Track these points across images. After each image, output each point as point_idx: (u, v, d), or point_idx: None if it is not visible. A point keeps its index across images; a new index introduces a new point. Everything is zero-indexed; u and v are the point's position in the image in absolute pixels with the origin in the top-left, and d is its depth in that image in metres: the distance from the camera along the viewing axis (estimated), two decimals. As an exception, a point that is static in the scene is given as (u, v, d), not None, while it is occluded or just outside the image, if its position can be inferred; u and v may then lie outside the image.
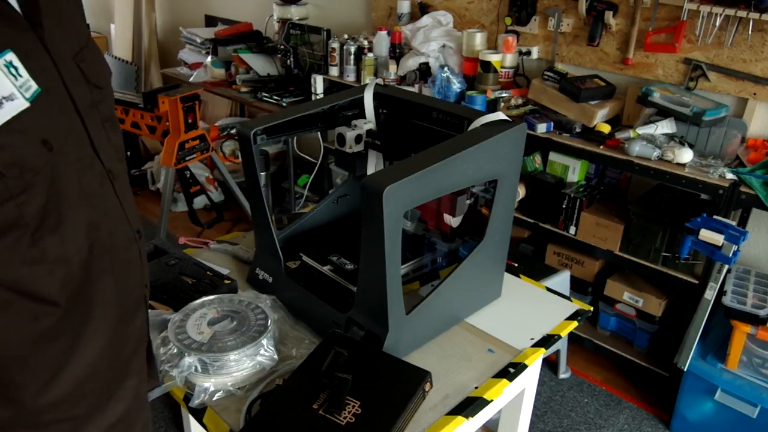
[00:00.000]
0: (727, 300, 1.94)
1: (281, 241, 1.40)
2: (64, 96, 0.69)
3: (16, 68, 0.59)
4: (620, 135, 2.18)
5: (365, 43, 2.95)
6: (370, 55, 2.89)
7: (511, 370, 1.19)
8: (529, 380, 1.43)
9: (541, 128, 2.32)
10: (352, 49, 2.92)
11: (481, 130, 1.22)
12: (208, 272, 1.43)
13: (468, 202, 1.38)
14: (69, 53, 0.72)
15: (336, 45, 2.98)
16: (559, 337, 1.32)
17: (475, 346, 1.26)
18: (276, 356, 1.17)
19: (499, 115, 1.25)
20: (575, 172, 2.40)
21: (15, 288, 0.67)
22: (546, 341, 1.29)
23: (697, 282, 2.08)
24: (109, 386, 0.82)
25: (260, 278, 1.42)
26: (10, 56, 0.58)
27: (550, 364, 2.49)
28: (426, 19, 2.85)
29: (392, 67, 2.83)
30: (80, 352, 0.76)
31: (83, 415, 0.79)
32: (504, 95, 2.51)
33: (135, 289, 0.86)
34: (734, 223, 1.88)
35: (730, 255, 1.85)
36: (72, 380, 0.76)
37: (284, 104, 3.17)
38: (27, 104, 0.61)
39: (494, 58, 2.53)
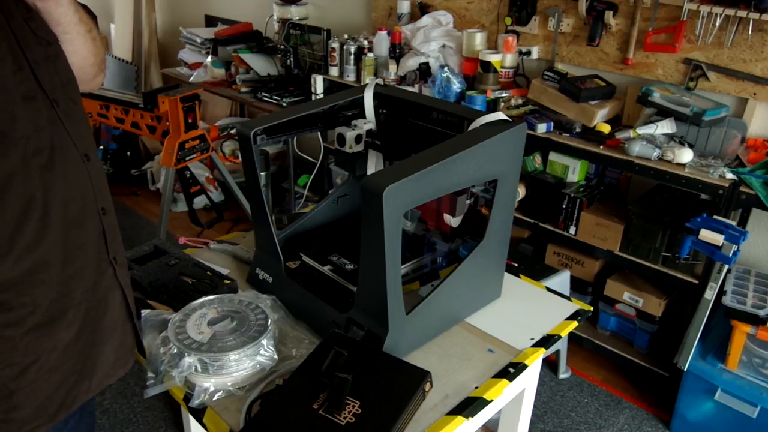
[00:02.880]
0: (727, 300, 1.94)
1: (281, 241, 1.40)
2: (11, 41, 0.89)
3: None
4: (620, 135, 2.18)
5: (365, 43, 2.95)
6: (370, 55, 2.89)
7: (511, 370, 1.19)
8: (529, 380, 1.43)
9: (541, 128, 2.32)
10: (352, 49, 2.92)
11: (481, 130, 1.22)
12: (208, 272, 1.43)
13: (468, 202, 1.38)
14: (20, 13, 0.91)
15: (336, 45, 2.98)
16: (559, 337, 1.32)
17: (475, 346, 1.26)
18: (276, 356, 1.17)
19: (499, 115, 1.25)
20: (575, 172, 2.40)
21: None
22: (546, 341, 1.29)
23: (697, 282, 2.08)
24: (61, 288, 0.97)
25: (260, 278, 1.42)
26: None
27: (550, 364, 2.49)
28: (426, 19, 2.85)
29: (392, 67, 2.83)
30: (24, 242, 0.91)
31: (33, 304, 0.93)
32: (504, 95, 2.51)
33: (86, 204, 1.00)
34: (734, 223, 1.88)
35: (730, 255, 1.85)
36: (23, 264, 0.91)
37: (284, 104, 3.17)
38: None
39: (494, 58, 2.53)
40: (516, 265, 2.28)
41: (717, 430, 2.07)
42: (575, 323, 1.38)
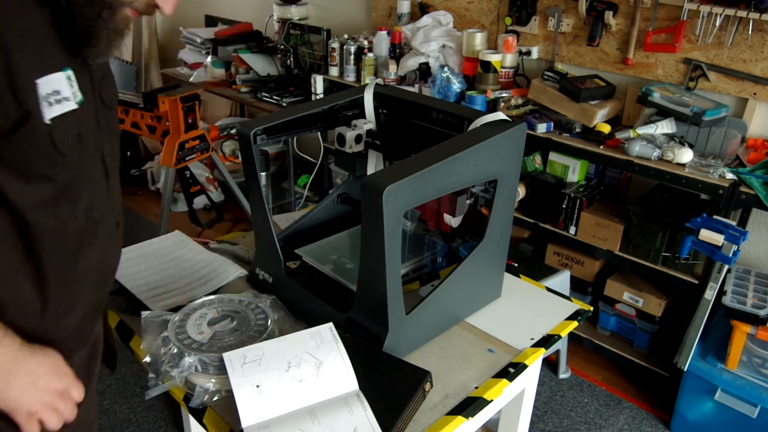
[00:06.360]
0: (727, 300, 1.94)
1: (281, 241, 1.40)
2: (92, 106, 0.92)
3: (71, 80, 0.84)
4: (620, 135, 2.18)
5: (365, 43, 2.95)
6: (370, 55, 2.89)
7: (511, 370, 1.19)
8: (529, 380, 1.43)
9: (541, 128, 2.32)
10: (352, 49, 2.92)
11: (481, 130, 1.22)
12: (208, 272, 1.42)
13: (468, 202, 1.38)
14: (98, 77, 0.96)
15: (336, 45, 2.98)
16: (559, 337, 1.32)
17: (475, 346, 1.26)
18: (276, 356, 1.16)
19: (499, 115, 1.25)
20: (575, 172, 2.40)
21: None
22: (546, 341, 1.29)
23: (697, 282, 2.08)
24: (84, 337, 1.03)
25: (260, 278, 1.42)
26: (69, 72, 0.83)
27: (550, 364, 2.49)
28: (426, 19, 2.85)
29: (392, 67, 2.83)
30: (73, 311, 0.96)
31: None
32: (504, 95, 2.51)
33: (111, 265, 1.06)
34: (734, 223, 1.88)
35: (730, 255, 1.85)
36: (68, 323, 0.96)
37: (284, 104, 3.17)
38: (75, 106, 0.85)
39: (494, 58, 2.53)
40: (516, 265, 2.28)
41: (717, 430, 2.07)
42: (575, 323, 1.38)
